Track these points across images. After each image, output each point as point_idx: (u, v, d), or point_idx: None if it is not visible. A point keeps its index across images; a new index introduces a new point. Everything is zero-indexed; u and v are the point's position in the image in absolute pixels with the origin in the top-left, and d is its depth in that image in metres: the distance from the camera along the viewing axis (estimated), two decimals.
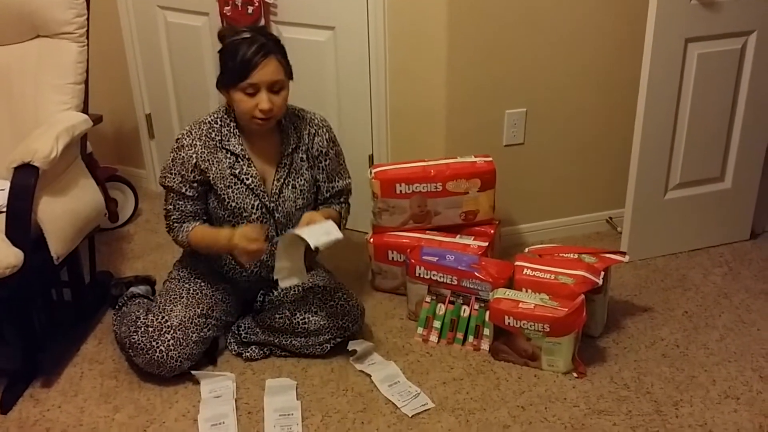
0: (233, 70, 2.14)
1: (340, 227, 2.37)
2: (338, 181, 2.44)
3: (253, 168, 2.28)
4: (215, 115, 2.30)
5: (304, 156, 2.36)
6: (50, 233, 2.21)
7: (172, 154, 2.28)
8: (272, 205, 2.31)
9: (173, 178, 2.27)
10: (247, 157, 2.28)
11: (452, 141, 2.84)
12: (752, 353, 2.39)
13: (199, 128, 2.28)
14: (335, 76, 2.94)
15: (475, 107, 2.81)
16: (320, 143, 2.37)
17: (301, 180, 2.35)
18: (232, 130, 2.28)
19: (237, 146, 2.27)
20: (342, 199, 2.49)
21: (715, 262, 2.92)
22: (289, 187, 2.33)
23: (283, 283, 2.26)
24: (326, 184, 2.42)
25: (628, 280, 2.81)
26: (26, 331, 2.30)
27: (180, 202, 2.29)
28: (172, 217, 2.32)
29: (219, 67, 2.21)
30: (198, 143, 2.26)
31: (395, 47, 2.77)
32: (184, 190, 2.27)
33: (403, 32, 2.74)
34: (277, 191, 2.32)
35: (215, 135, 2.27)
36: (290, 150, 2.33)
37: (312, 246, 2.12)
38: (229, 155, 2.27)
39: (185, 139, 2.27)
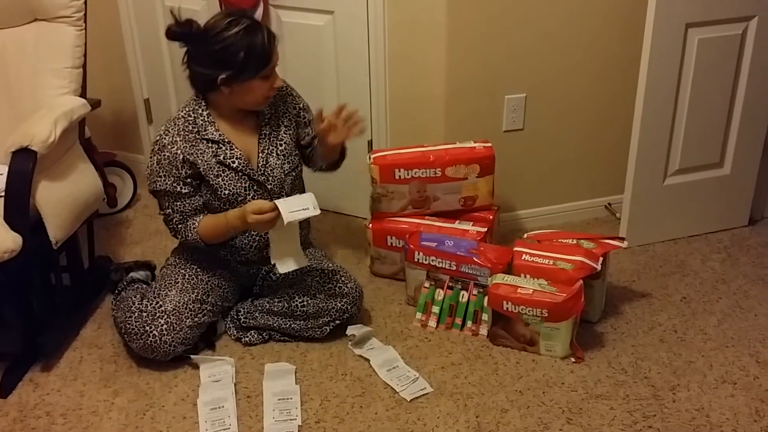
0: (256, 62, 2.15)
1: (343, 155, 2.46)
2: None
3: (236, 150, 2.28)
4: (187, 109, 2.28)
5: (281, 120, 2.37)
6: (48, 218, 2.21)
7: (155, 157, 2.24)
8: (262, 178, 2.31)
9: (164, 180, 2.24)
10: (226, 141, 2.27)
11: (451, 126, 2.83)
12: (749, 338, 2.40)
13: (175, 124, 2.26)
14: (334, 61, 2.93)
15: (475, 92, 2.81)
16: (293, 102, 2.42)
17: (282, 144, 2.36)
18: (206, 119, 2.26)
19: (215, 133, 2.26)
20: None
21: (714, 248, 2.93)
22: (274, 155, 2.34)
23: (282, 269, 2.25)
24: (313, 134, 2.45)
25: (626, 265, 2.81)
26: (25, 315, 2.31)
27: (177, 203, 2.27)
28: (174, 221, 2.30)
29: (222, 64, 2.14)
30: (178, 139, 2.23)
31: (395, 32, 2.76)
32: (179, 189, 2.25)
33: (403, 17, 2.73)
34: (263, 163, 2.32)
35: (192, 128, 2.25)
36: (267, 119, 2.35)
37: (284, 221, 2.09)
38: (210, 144, 2.26)
39: (165, 138, 2.24)
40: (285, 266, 2.24)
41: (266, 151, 2.33)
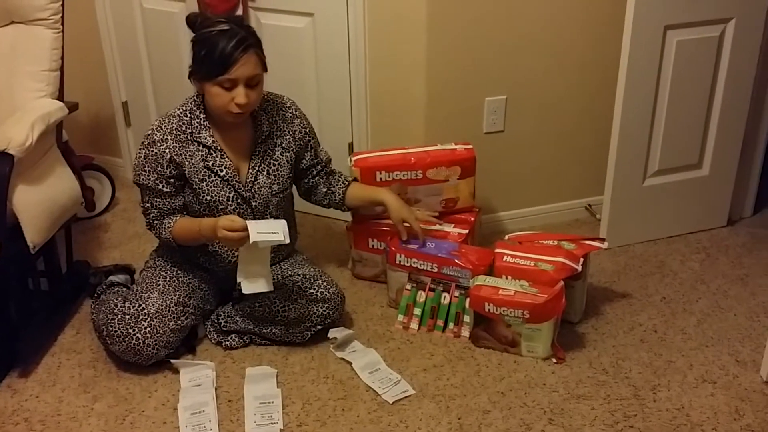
0: (211, 64, 2.10)
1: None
2: (321, 153, 2.49)
3: (227, 159, 2.26)
4: (184, 108, 2.26)
5: (278, 141, 2.34)
6: (26, 222, 2.18)
7: (143, 151, 2.23)
8: (248, 194, 2.29)
9: (148, 176, 2.23)
10: (219, 148, 2.25)
11: (432, 128, 2.83)
12: (729, 338, 2.41)
13: (169, 122, 2.24)
14: (314, 63, 2.93)
15: (455, 94, 2.81)
16: (301, 125, 2.39)
17: (275, 165, 2.34)
18: (202, 122, 2.24)
19: (208, 138, 2.24)
20: (332, 168, 2.53)
21: (693, 248, 2.95)
22: (264, 174, 2.32)
23: (246, 289, 2.19)
24: (315, 159, 2.46)
25: (606, 266, 2.83)
26: (2, 320, 2.28)
27: (157, 200, 2.26)
28: (151, 215, 2.29)
29: (192, 57, 2.16)
30: (169, 137, 2.22)
31: (375, 34, 2.75)
32: (160, 187, 2.24)
33: (383, 19, 2.72)
34: (251, 179, 2.30)
35: (186, 128, 2.24)
36: (264, 137, 2.32)
37: (250, 240, 2.06)
38: (201, 148, 2.24)
39: (156, 135, 2.22)
40: (249, 287, 2.19)
41: (257, 168, 2.31)
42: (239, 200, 2.29)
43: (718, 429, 2.04)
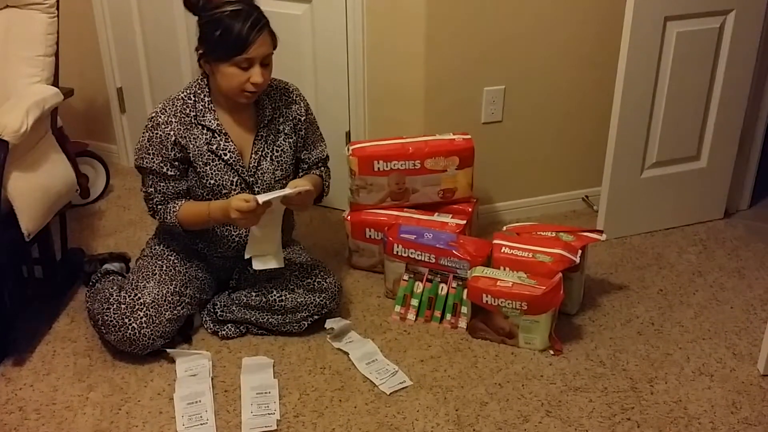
0: (227, 45, 2.09)
1: (323, 191, 2.41)
2: (317, 148, 2.43)
3: (231, 143, 2.24)
4: (188, 91, 2.25)
5: (281, 126, 2.32)
6: (20, 209, 2.16)
7: (147, 134, 2.21)
8: (251, 179, 2.28)
9: (152, 159, 2.21)
10: (223, 132, 2.24)
11: (431, 118, 2.82)
12: (726, 331, 2.42)
13: (173, 105, 2.22)
14: (312, 51, 2.90)
15: (454, 84, 2.79)
16: (298, 110, 2.35)
17: (278, 150, 2.31)
18: (206, 105, 2.23)
19: (212, 121, 2.23)
20: (321, 165, 2.46)
21: (690, 240, 2.95)
22: (267, 159, 2.30)
23: (257, 265, 2.22)
24: (306, 153, 2.40)
25: (604, 258, 2.82)
26: None
27: (161, 184, 2.24)
28: (154, 200, 2.26)
29: (202, 39, 2.14)
30: (174, 120, 2.20)
31: (373, 22, 2.73)
32: (165, 170, 2.22)
33: (382, 7, 2.70)
34: (255, 164, 2.28)
35: (190, 111, 2.22)
36: (266, 121, 2.30)
37: (260, 200, 2.08)
38: (205, 131, 2.22)
39: (160, 117, 2.20)
40: (261, 264, 2.22)
41: (260, 152, 2.29)
42: (243, 185, 2.27)
43: (715, 422, 2.04)
